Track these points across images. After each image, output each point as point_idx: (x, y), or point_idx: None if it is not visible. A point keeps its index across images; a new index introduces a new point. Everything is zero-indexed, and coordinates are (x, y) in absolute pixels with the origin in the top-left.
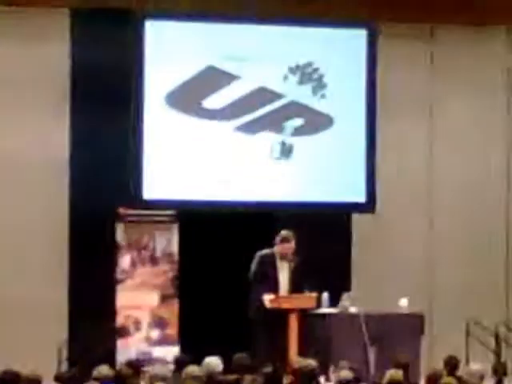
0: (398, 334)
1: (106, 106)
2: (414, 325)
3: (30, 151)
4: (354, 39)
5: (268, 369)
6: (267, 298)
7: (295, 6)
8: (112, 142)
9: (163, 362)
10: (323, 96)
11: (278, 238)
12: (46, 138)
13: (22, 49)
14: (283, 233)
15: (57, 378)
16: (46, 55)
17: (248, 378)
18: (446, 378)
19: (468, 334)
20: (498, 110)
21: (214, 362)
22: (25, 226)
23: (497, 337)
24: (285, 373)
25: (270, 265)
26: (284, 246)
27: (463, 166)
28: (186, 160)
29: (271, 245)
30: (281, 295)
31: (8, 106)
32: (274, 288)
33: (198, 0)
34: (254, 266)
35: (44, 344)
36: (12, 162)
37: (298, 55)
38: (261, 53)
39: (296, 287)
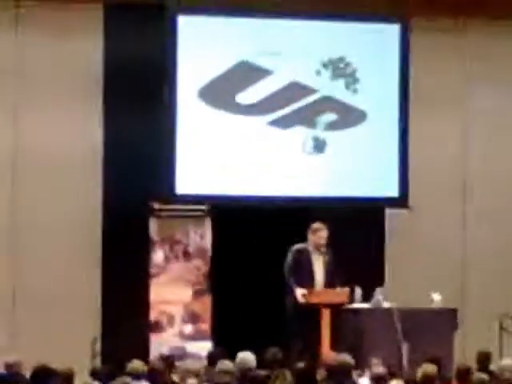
0: (431, 330)
1: (139, 101)
2: (447, 320)
3: (63, 146)
4: (387, 33)
5: (301, 364)
6: (300, 293)
7: (328, 1)
8: (145, 136)
9: (196, 357)
10: (356, 91)
11: (310, 230)
12: (79, 133)
13: (56, 44)
14: (315, 224)
15: (92, 373)
16: (80, 50)
17: (277, 373)
18: (477, 374)
19: (501, 328)
20: None
21: (247, 357)
22: (60, 220)
23: None
24: (318, 368)
25: (304, 258)
26: (316, 235)
27: (497, 160)
28: (219, 155)
29: (305, 239)
30: (313, 290)
31: (43, 102)
32: (309, 281)
33: None
34: (288, 260)
35: (78, 338)
36: (46, 157)
37: (331, 50)
38: (293, 47)
39: (330, 281)
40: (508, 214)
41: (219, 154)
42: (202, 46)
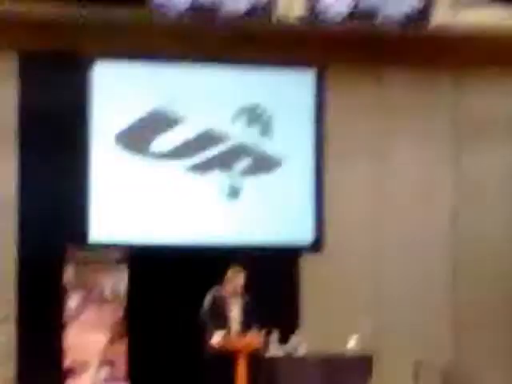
0: (347, 376)
1: (54, 148)
2: (362, 366)
3: None
4: (302, 80)
5: None
6: (215, 339)
7: (241, 48)
8: (61, 182)
9: None
10: (271, 137)
11: (227, 276)
12: None
13: None
14: (231, 270)
15: None
16: None
17: None
18: None
19: (416, 376)
20: (447, 157)
21: None
22: None
23: (445, 379)
24: None
25: (220, 304)
26: (232, 280)
27: (411, 207)
28: (135, 201)
29: (221, 284)
30: (228, 335)
31: None
32: (225, 326)
33: (143, 42)
34: (205, 306)
35: None
36: None
37: (246, 97)
38: (208, 95)
39: (246, 325)
40: (420, 261)
41: (135, 200)
42: (117, 92)
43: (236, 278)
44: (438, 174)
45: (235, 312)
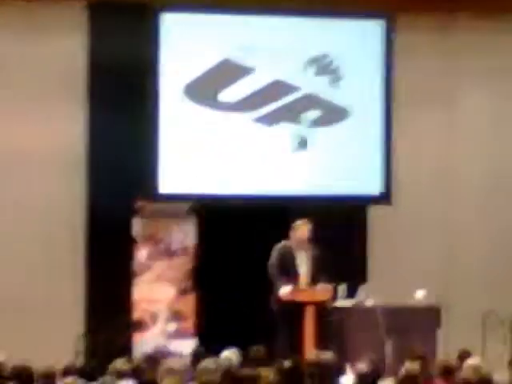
0: (415, 327)
1: (123, 99)
2: (430, 318)
3: (47, 146)
4: (371, 30)
5: (286, 363)
6: (283, 291)
7: None
8: (130, 135)
9: (180, 355)
10: (339, 88)
11: (292, 227)
12: (63, 132)
13: (40, 42)
14: (297, 221)
15: (77, 371)
16: (63, 49)
17: (262, 371)
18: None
19: (484, 326)
20: None
21: (231, 355)
22: (43, 219)
23: None
24: (303, 366)
25: (288, 256)
26: (298, 231)
27: (482, 157)
28: (203, 153)
29: (287, 237)
30: (297, 288)
31: (28, 101)
32: (293, 279)
33: None
34: (272, 259)
35: (62, 337)
36: (30, 156)
37: (314, 47)
38: (277, 45)
39: (314, 277)
40: (493, 212)
41: (203, 152)
42: (185, 44)
43: (302, 230)
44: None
45: (303, 264)
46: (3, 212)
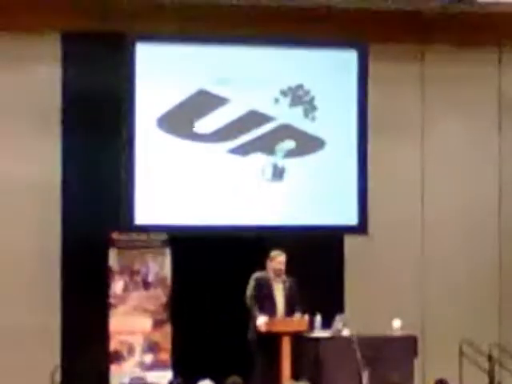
0: (392, 357)
1: (97, 130)
2: (407, 347)
3: (21, 176)
4: (345, 61)
5: None
6: (260, 322)
7: (285, 28)
8: (104, 166)
9: None
10: (314, 118)
11: (268, 258)
12: (37, 163)
13: (13, 73)
14: (273, 251)
15: None
16: (37, 79)
17: None
18: None
19: (461, 355)
20: (490, 131)
21: None
22: (17, 250)
23: (490, 358)
24: None
25: (265, 287)
26: (274, 261)
27: (456, 188)
28: (178, 183)
29: (263, 268)
30: (274, 319)
31: (1, 130)
32: (271, 309)
33: (188, 22)
34: (249, 289)
35: (37, 370)
36: (3, 186)
37: (289, 77)
38: (252, 76)
39: (290, 308)
40: (467, 243)
41: (178, 183)
42: (160, 75)
43: (278, 259)
44: (485, 148)
45: (280, 295)
46: None
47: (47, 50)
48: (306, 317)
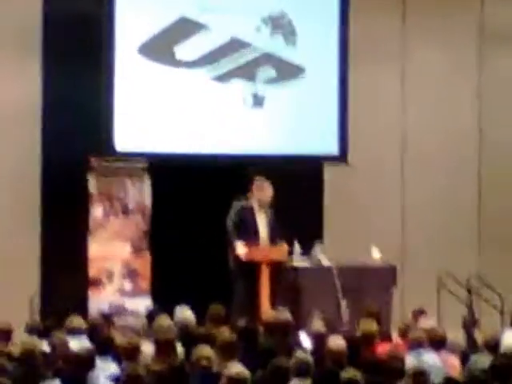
0: (370, 286)
1: (78, 56)
2: (386, 276)
3: (1, 100)
4: None
5: (241, 322)
6: (240, 250)
7: None
8: (85, 91)
9: (135, 314)
10: (295, 46)
11: (255, 187)
12: (18, 87)
13: None
14: (260, 181)
15: (29, 328)
16: (17, 3)
17: (224, 332)
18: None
19: (440, 285)
20: (470, 59)
21: (186, 313)
22: None
23: (469, 289)
24: (259, 325)
25: (249, 215)
26: (262, 192)
27: (436, 117)
28: (159, 110)
29: (243, 195)
30: (254, 247)
31: None
32: (254, 238)
33: None
34: (232, 216)
35: (16, 294)
36: None
37: (270, 6)
38: (233, 3)
39: (273, 239)
40: (447, 171)
41: (159, 110)
42: (141, 1)
43: (266, 191)
44: (465, 76)
45: (262, 224)
46: None
47: None
48: (286, 245)
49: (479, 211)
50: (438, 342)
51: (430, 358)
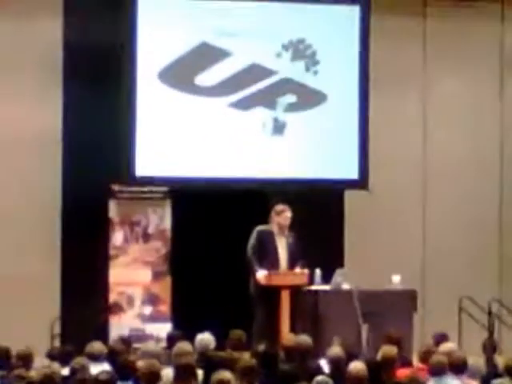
0: (391, 311)
1: (98, 83)
2: (406, 301)
3: (22, 127)
4: (347, 15)
5: (261, 347)
6: (260, 275)
7: None
8: (105, 118)
9: (156, 339)
10: (316, 72)
11: (274, 212)
12: (38, 114)
13: (15, 23)
14: (279, 206)
15: (49, 354)
16: (39, 31)
17: (245, 357)
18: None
19: (461, 310)
20: (491, 85)
21: (206, 338)
22: (18, 201)
23: (490, 313)
24: (279, 350)
25: (268, 240)
26: (281, 216)
27: (457, 141)
28: (179, 136)
29: (264, 221)
30: (274, 272)
31: (2, 82)
32: (274, 263)
33: None
34: (252, 241)
35: (36, 320)
36: (4, 137)
37: (291, 31)
38: (254, 29)
39: (292, 263)
40: (469, 197)
41: (179, 136)
42: (162, 28)
43: (285, 214)
44: (486, 103)
45: (282, 249)
46: None
47: (48, 4)
48: (306, 271)
49: (501, 236)
50: (459, 366)
51: (452, 383)
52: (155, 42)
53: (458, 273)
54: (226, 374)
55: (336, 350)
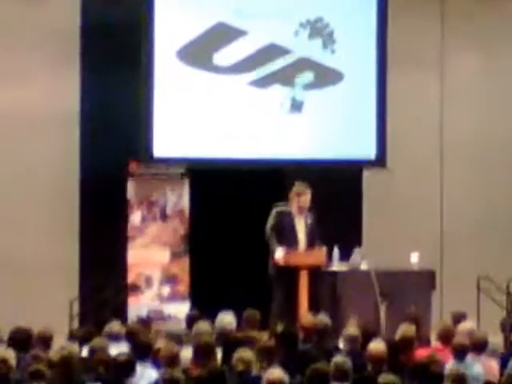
0: (409, 290)
1: (117, 62)
2: (425, 280)
3: (40, 106)
4: None
5: (280, 327)
6: (278, 255)
7: None
8: (123, 97)
9: (174, 318)
10: (333, 51)
11: (293, 192)
12: (56, 93)
13: (32, 3)
14: (299, 187)
15: (71, 334)
16: (57, 9)
17: (263, 337)
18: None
19: (479, 289)
20: (509, 63)
21: (227, 318)
22: (35, 181)
23: (508, 293)
24: (296, 330)
25: (287, 220)
26: (300, 198)
27: (475, 119)
28: (197, 116)
29: (281, 200)
30: (292, 251)
31: (20, 61)
32: (292, 243)
33: None
34: (270, 222)
35: (55, 300)
36: (22, 117)
37: (309, 10)
38: (271, 9)
39: (311, 242)
40: (487, 175)
41: (197, 115)
42: (179, 7)
43: (304, 196)
44: (504, 83)
45: (301, 229)
46: None
47: None
48: (325, 250)
49: None
50: (479, 346)
51: (473, 364)
52: (173, 22)
53: (477, 252)
54: (248, 353)
55: (351, 329)
